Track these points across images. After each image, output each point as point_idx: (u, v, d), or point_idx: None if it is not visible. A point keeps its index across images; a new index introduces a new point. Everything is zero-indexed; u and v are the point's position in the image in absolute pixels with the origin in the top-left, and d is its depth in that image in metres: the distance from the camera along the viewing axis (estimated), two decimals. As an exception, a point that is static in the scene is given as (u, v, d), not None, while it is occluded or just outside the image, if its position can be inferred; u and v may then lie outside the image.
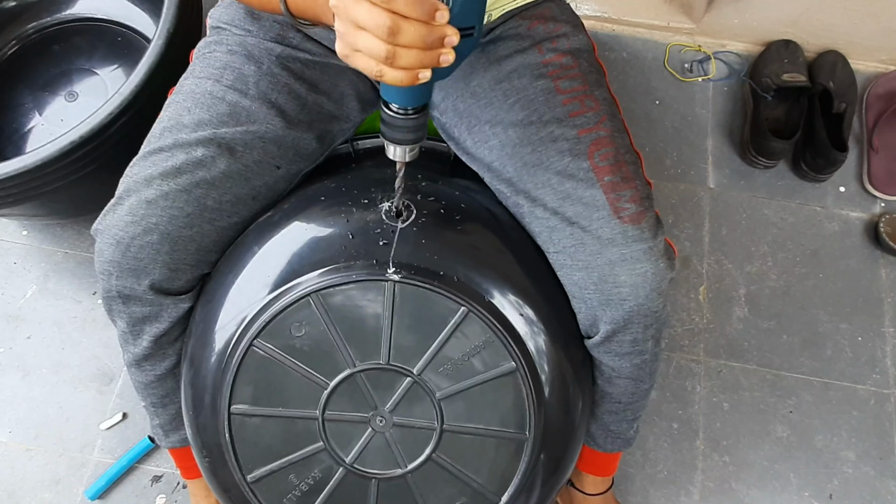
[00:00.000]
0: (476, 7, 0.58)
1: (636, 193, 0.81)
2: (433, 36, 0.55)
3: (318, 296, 0.75)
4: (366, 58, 0.56)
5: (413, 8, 0.53)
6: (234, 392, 0.79)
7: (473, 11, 0.58)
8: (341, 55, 0.58)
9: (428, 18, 0.54)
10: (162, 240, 0.80)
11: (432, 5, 0.53)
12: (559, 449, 0.86)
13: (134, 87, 1.11)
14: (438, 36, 0.55)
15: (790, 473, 1.30)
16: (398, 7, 0.53)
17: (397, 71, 0.56)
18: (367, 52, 0.56)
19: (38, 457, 1.29)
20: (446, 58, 0.56)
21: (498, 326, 0.76)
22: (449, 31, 0.55)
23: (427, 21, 0.54)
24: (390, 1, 0.52)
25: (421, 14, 0.53)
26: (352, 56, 0.57)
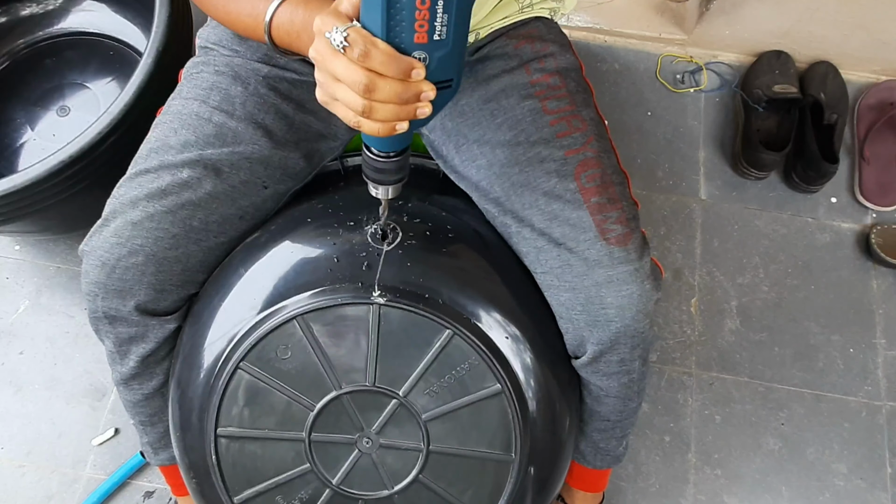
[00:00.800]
0: (453, 61, 0.58)
1: (623, 215, 0.82)
2: (409, 92, 0.56)
3: (304, 319, 0.76)
4: (344, 108, 0.58)
5: (388, 67, 0.54)
6: (220, 414, 0.79)
7: (451, 65, 0.58)
8: (321, 102, 0.60)
9: (404, 76, 0.55)
10: (147, 261, 0.80)
11: (408, 64, 0.55)
12: (546, 469, 0.86)
13: (123, 105, 1.11)
14: (415, 92, 0.56)
15: (782, 486, 1.31)
16: (374, 65, 0.54)
17: (375, 123, 0.57)
18: (345, 104, 0.57)
19: (31, 473, 1.29)
20: (423, 111, 0.58)
21: (483, 349, 0.76)
22: (425, 86, 0.56)
23: (403, 78, 0.55)
24: (366, 59, 0.54)
25: (396, 72, 0.55)
26: (331, 104, 0.59)
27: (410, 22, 0.53)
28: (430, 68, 0.56)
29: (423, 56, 0.56)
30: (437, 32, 0.54)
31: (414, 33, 0.54)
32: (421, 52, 0.55)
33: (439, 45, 0.55)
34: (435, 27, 0.54)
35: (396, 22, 0.53)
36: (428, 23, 0.53)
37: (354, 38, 0.53)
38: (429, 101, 0.57)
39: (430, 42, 0.55)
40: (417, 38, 0.54)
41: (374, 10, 0.53)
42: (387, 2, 0.52)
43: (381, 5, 0.52)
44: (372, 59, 0.54)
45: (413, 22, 0.53)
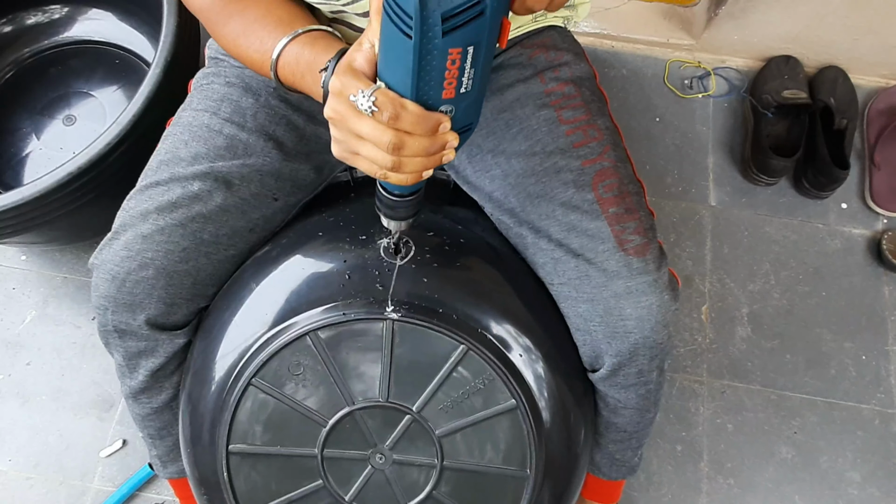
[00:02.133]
0: (477, 107, 0.59)
1: (640, 225, 0.81)
2: (436, 145, 0.57)
3: (316, 334, 0.75)
4: (369, 163, 0.58)
5: (418, 127, 0.54)
6: (232, 430, 0.79)
7: (474, 111, 0.59)
8: (339, 157, 0.60)
9: (432, 133, 0.55)
10: (158, 275, 0.80)
11: (437, 120, 0.55)
12: (561, 484, 0.85)
13: (132, 116, 1.10)
14: (441, 144, 0.57)
15: (795, 495, 1.29)
16: (404, 126, 0.54)
17: (402, 175, 0.58)
18: (370, 160, 0.57)
19: (39, 485, 1.28)
20: (448, 157, 0.59)
21: (498, 364, 0.75)
22: (450, 136, 0.57)
23: (431, 134, 0.55)
24: (396, 120, 0.54)
25: (426, 131, 0.55)
26: (353, 159, 0.59)
27: (440, 81, 0.53)
28: (455, 118, 0.57)
29: (449, 109, 0.56)
30: (464, 86, 0.55)
31: (442, 91, 0.54)
32: (448, 105, 0.56)
33: (465, 96, 0.56)
34: (462, 81, 0.54)
35: (426, 81, 0.53)
36: (456, 79, 0.54)
37: (384, 102, 0.53)
38: (453, 149, 0.58)
39: (457, 96, 0.55)
40: (445, 95, 0.54)
41: (402, 72, 0.53)
42: (418, 65, 0.51)
43: (412, 69, 0.52)
44: (402, 121, 0.54)
45: (442, 81, 0.53)
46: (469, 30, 0.50)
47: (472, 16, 0.49)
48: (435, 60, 0.51)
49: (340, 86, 0.56)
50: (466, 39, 0.51)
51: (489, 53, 0.54)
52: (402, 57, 0.52)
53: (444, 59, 0.51)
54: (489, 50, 0.53)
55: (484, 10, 0.50)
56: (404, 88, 0.54)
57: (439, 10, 0.48)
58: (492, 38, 0.53)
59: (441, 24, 0.49)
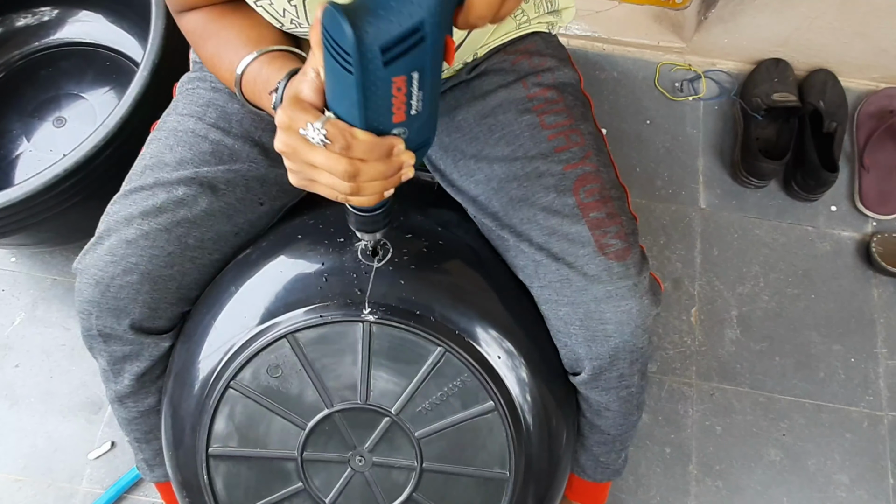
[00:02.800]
0: (431, 124, 0.58)
1: (621, 230, 0.81)
2: (392, 168, 0.57)
3: (294, 337, 0.75)
4: (327, 189, 0.58)
5: (371, 153, 0.55)
6: (211, 433, 0.79)
7: (429, 129, 0.59)
8: (297, 185, 0.60)
9: (386, 157, 0.56)
10: (142, 280, 0.80)
11: (389, 145, 0.55)
12: (542, 486, 0.85)
13: (120, 118, 1.10)
14: (397, 165, 0.57)
15: (783, 498, 1.29)
16: (356, 154, 0.54)
17: (362, 198, 0.59)
18: (328, 187, 0.58)
19: (27, 487, 1.28)
20: (407, 175, 0.59)
21: (476, 366, 0.75)
22: (406, 157, 0.57)
23: (386, 158, 0.56)
24: (349, 150, 0.54)
25: (379, 157, 0.55)
26: (311, 186, 0.59)
27: (388, 108, 0.53)
28: (410, 138, 0.57)
29: (402, 131, 0.56)
30: (414, 108, 0.54)
31: (392, 116, 0.54)
32: (400, 128, 0.55)
33: (417, 117, 0.55)
34: (412, 104, 0.54)
35: (374, 111, 0.53)
36: (405, 104, 0.53)
37: (334, 134, 0.54)
38: (411, 167, 0.59)
39: (408, 118, 0.55)
40: (396, 119, 0.54)
41: (349, 104, 0.52)
42: (363, 97, 0.51)
43: (358, 101, 0.51)
44: (354, 150, 0.54)
45: (390, 107, 0.53)
46: (411, 57, 0.50)
47: (412, 43, 0.49)
48: (380, 91, 0.51)
49: (288, 120, 0.56)
50: (410, 66, 0.50)
51: (436, 74, 0.53)
52: (347, 90, 0.51)
53: (389, 88, 0.51)
54: (435, 71, 0.53)
55: (424, 36, 0.49)
56: (353, 119, 0.53)
57: (377, 43, 0.48)
58: (436, 60, 0.52)
59: (381, 56, 0.48)
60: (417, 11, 0.48)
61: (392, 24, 0.48)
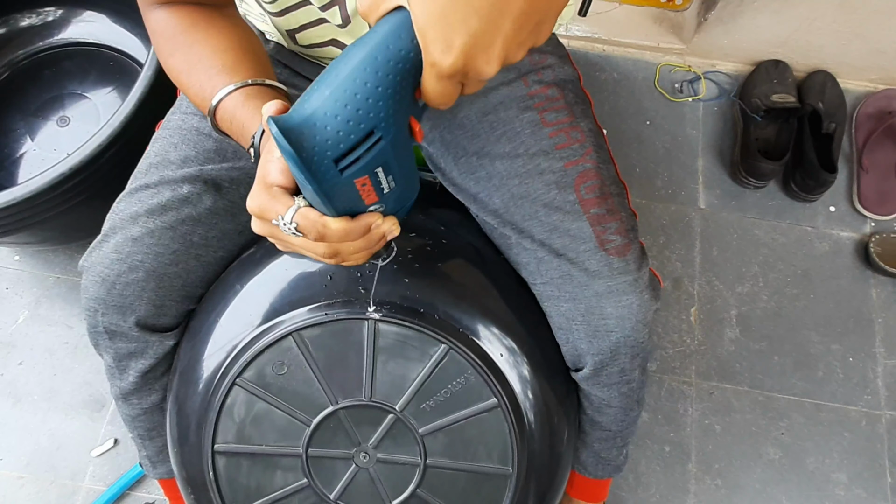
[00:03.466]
0: (409, 191, 0.57)
1: (621, 225, 0.82)
2: (373, 240, 0.57)
3: (299, 335, 0.76)
4: (316, 258, 0.58)
5: (347, 237, 0.54)
6: (217, 430, 0.79)
7: (408, 194, 0.57)
8: (284, 250, 0.60)
9: (363, 235, 0.55)
10: (147, 277, 0.80)
11: (365, 225, 0.55)
12: (544, 482, 0.86)
13: (124, 117, 1.11)
14: (377, 236, 0.57)
15: (782, 496, 1.30)
16: (332, 240, 0.54)
17: (350, 263, 0.59)
18: (315, 257, 0.58)
19: (29, 485, 1.29)
20: (392, 235, 0.58)
21: (479, 363, 0.76)
22: (387, 225, 0.56)
23: (363, 236, 0.55)
24: (323, 238, 0.54)
25: (356, 237, 0.55)
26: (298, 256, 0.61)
27: (356, 199, 0.51)
28: (388, 208, 0.55)
29: (378, 207, 0.54)
30: (386, 188, 0.52)
31: (363, 202, 0.52)
32: (376, 206, 0.54)
33: (391, 193, 0.53)
34: (382, 187, 0.52)
35: (342, 203, 0.51)
36: (374, 188, 0.51)
37: (306, 227, 0.53)
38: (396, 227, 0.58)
39: (381, 198, 0.53)
40: (368, 202, 0.53)
41: (316, 202, 0.51)
42: (327, 199, 0.49)
43: (322, 203, 0.50)
44: (330, 238, 0.54)
45: (359, 197, 0.51)
46: (369, 158, 0.47)
47: (368, 146, 0.47)
48: (344, 190, 0.49)
49: (258, 209, 0.55)
50: (370, 166, 0.48)
51: (402, 158, 0.51)
52: (310, 193, 0.49)
53: (352, 187, 0.49)
54: (401, 157, 0.50)
55: (381, 136, 0.46)
56: (322, 209, 0.52)
57: (329, 158, 0.46)
58: (400, 148, 0.49)
59: (335, 167, 0.46)
60: (367, 119, 0.45)
61: (340, 137, 0.45)
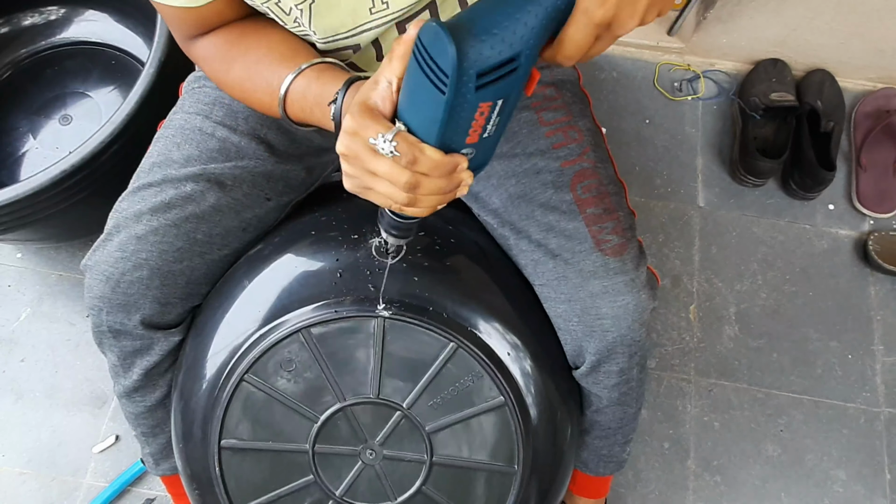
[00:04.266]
0: (494, 146, 0.59)
1: (618, 225, 0.82)
2: (452, 185, 0.57)
3: (308, 332, 0.76)
4: (383, 198, 0.58)
5: (435, 170, 0.55)
6: (224, 426, 0.80)
7: (492, 151, 0.59)
8: (351, 190, 0.60)
9: (448, 174, 0.56)
10: (152, 275, 0.81)
11: (454, 164, 0.55)
12: (548, 480, 0.87)
13: (126, 115, 1.11)
14: (456, 182, 0.57)
15: (781, 493, 1.31)
16: (421, 169, 0.54)
17: (416, 209, 0.58)
18: (385, 196, 0.57)
19: (31, 481, 1.29)
20: (462, 192, 0.59)
21: (486, 361, 0.77)
22: (465, 175, 0.57)
23: (447, 176, 0.56)
24: (414, 164, 0.54)
25: (443, 174, 0.55)
26: (365, 193, 0.59)
27: (465, 130, 0.54)
28: (475, 158, 0.57)
29: (470, 152, 0.56)
30: (488, 132, 0.55)
31: (466, 137, 0.54)
32: (470, 149, 0.56)
33: (487, 140, 0.56)
34: (487, 128, 0.54)
35: (452, 130, 0.53)
36: (482, 127, 0.54)
37: (404, 148, 0.53)
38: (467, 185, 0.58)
39: (479, 141, 0.55)
40: (469, 140, 0.55)
41: (429, 121, 0.53)
42: (447, 118, 0.51)
43: (441, 120, 0.52)
44: (420, 165, 0.54)
45: (468, 129, 0.53)
46: (502, 85, 0.51)
47: (506, 72, 0.50)
48: (465, 113, 0.52)
49: (357, 126, 0.55)
50: (498, 94, 0.51)
51: (516, 103, 0.54)
52: (431, 108, 0.51)
53: (473, 112, 0.52)
54: (516, 100, 0.54)
55: (518, 67, 0.50)
56: (428, 135, 0.54)
57: (475, 68, 0.49)
58: (521, 90, 0.53)
59: (476, 81, 0.49)
60: (518, 43, 0.49)
61: (493, 52, 0.49)
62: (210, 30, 0.75)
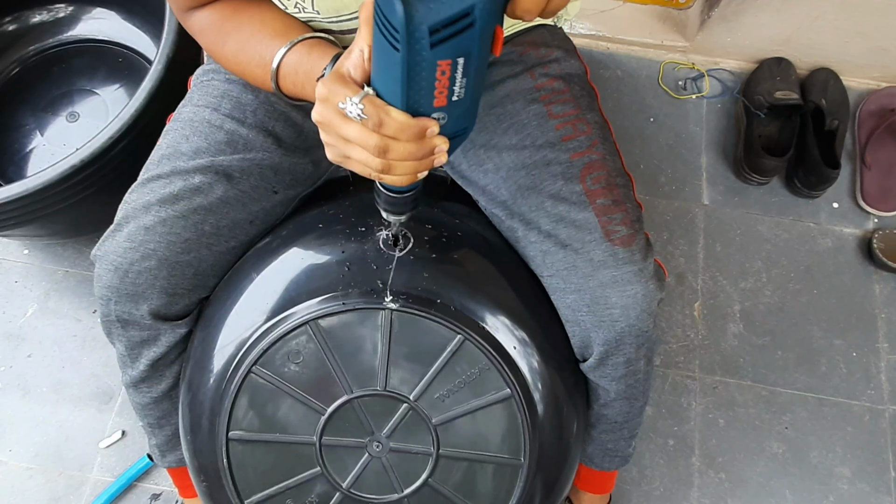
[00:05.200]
0: (470, 113, 0.59)
1: (627, 216, 0.83)
2: (424, 149, 0.57)
3: (316, 324, 0.77)
4: (361, 165, 0.59)
5: (402, 133, 0.55)
6: (232, 418, 0.80)
7: (468, 117, 0.59)
8: (332, 160, 0.61)
9: (419, 138, 0.56)
10: (160, 265, 0.81)
11: (422, 127, 0.56)
12: (554, 473, 0.87)
13: (133, 111, 1.12)
14: (429, 148, 0.57)
15: (786, 490, 1.31)
16: (388, 132, 0.55)
17: (394, 176, 0.59)
18: (361, 162, 0.58)
19: (38, 476, 1.29)
20: (440, 160, 0.59)
21: (494, 354, 0.77)
22: (439, 141, 0.57)
23: (418, 140, 0.56)
24: (380, 126, 0.55)
25: (411, 137, 0.56)
26: (345, 162, 0.60)
27: (430, 91, 0.53)
28: (447, 124, 0.57)
29: (441, 116, 0.56)
30: (456, 94, 0.55)
31: (433, 99, 0.54)
32: (440, 113, 0.56)
33: (458, 104, 0.56)
34: (454, 90, 0.54)
35: (415, 91, 0.53)
36: (447, 88, 0.54)
37: (370, 111, 0.54)
38: (444, 151, 0.59)
39: (448, 104, 0.55)
40: (437, 103, 0.55)
41: (391, 82, 0.53)
42: (406, 76, 0.51)
43: (401, 80, 0.52)
44: (386, 127, 0.55)
45: (433, 90, 0.53)
46: (458, 41, 0.50)
47: (461, 28, 0.49)
48: (424, 72, 0.51)
49: (327, 92, 0.57)
50: (456, 51, 0.51)
51: (482, 63, 0.54)
52: (391, 68, 0.52)
53: (433, 71, 0.51)
54: (481, 59, 0.53)
55: (473, 21, 0.49)
56: (393, 98, 0.54)
57: (426, 24, 0.48)
58: (483, 48, 0.52)
59: (429, 37, 0.49)
60: None
61: (443, 6, 0.48)
62: (207, 2, 0.77)
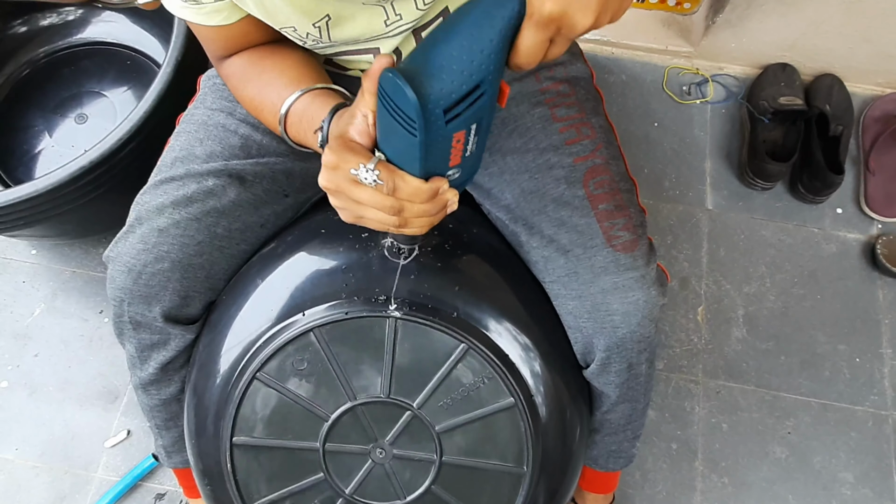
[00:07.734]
0: (479, 160, 0.60)
1: (629, 221, 0.83)
2: (437, 206, 0.59)
3: (320, 331, 0.77)
4: (376, 223, 0.61)
5: (416, 196, 0.57)
6: (236, 423, 0.81)
7: (478, 162, 0.60)
8: (347, 221, 0.63)
9: (431, 198, 0.58)
10: (173, 267, 0.82)
11: (435, 189, 0.57)
12: (557, 480, 0.87)
13: (143, 113, 1.13)
14: (441, 204, 0.59)
15: (789, 495, 1.32)
16: (402, 196, 0.57)
17: (409, 229, 0.61)
18: (376, 221, 0.60)
19: (44, 474, 1.31)
20: (451, 209, 0.61)
21: (497, 363, 0.78)
22: (450, 195, 0.59)
23: (430, 200, 0.58)
24: (395, 191, 0.56)
25: (424, 199, 0.57)
26: (360, 222, 0.62)
27: (445, 157, 0.55)
28: (460, 176, 0.58)
29: (455, 172, 0.57)
30: (469, 151, 0.56)
31: (448, 161, 0.55)
32: (454, 170, 0.57)
33: (469, 157, 0.57)
34: (467, 149, 0.55)
35: (433, 162, 0.54)
36: (462, 151, 0.55)
37: (385, 177, 0.56)
38: (455, 201, 0.60)
39: (462, 160, 0.56)
40: (452, 164, 0.56)
41: (407, 158, 0.54)
42: (424, 152, 0.52)
43: (419, 157, 0.53)
44: (401, 192, 0.56)
45: (448, 156, 0.55)
46: (472, 112, 0.51)
47: (473, 100, 0.50)
48: (441, 145, 0.53)
49: (337, 159, 0.57)
50: (470, 121, 0.52)
51: (491, 119, 0.55)
52: (407, 148, 0.53)
53: (449, 143, 0.53)
54: (491, 117, 0.54)
55: (484, 92, 0.50)
56: (410, 167, 0.55)
57: (440, 107, 0.49)
58: (493, 109, 0.53)
59: (444, 117, 0.50)
60: (478, 71, 0.49)
61: (454, 86, 0.49)
62: (238, 51, 0.79)
